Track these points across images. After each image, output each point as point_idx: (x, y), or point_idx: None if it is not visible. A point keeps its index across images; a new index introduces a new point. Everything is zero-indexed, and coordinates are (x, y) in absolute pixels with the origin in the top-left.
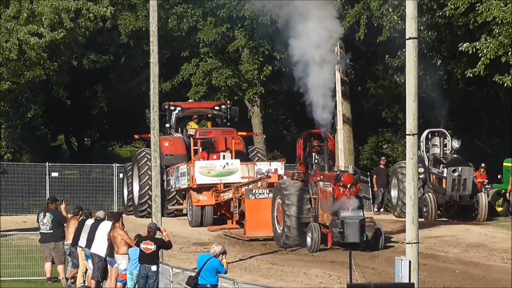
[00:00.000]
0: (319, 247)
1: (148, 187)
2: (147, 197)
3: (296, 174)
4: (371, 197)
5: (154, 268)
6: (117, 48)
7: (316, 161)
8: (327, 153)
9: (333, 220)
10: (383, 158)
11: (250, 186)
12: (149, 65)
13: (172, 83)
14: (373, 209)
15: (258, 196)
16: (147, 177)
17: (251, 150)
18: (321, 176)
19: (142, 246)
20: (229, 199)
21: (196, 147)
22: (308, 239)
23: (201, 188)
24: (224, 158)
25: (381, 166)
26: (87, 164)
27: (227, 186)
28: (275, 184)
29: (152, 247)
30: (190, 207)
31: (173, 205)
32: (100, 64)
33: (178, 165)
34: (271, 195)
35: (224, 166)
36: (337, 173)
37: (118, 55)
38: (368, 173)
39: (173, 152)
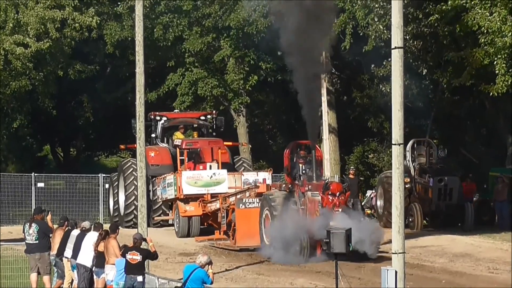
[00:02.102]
0: (308, 257)
1: (134, 197)
2: (133, 207)
3: (284, 185)
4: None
5: (140, 278)
6: (102, 58)
7: (304, 171)
8: (315, 163)
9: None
10: (352, 167)
11: (238, 196)
12: (135, 75)
13: (158, 93)
14: None
15: (248, 205)
16: (133, 187)
17: (237, 160)
18: (309, 186)
19: (128, 256)
20: (216, 209)
21: (183, 157)
22: (297, 249)
23: (188, 199)
24: (210, 168)
25: (351, 175)
26: (73, 175)
27: (214, 196)
28: (263, 194)
29: (138, 257)
30: (177, 217)
31: (159, 215)
32: (86, 74)
33: (165, 175)
34: None
35: (211, 177)
36: (326, 181)
37: (103, 65)
38: None
39: (159, 162)
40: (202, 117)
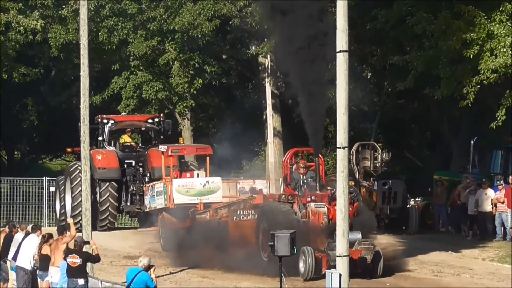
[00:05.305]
0: (313, 273)
1: (81, 200)
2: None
3: (283, 195)
4: None
5: (81, 281)
6: (47, 61)
7: (305, 181)
8: (318, 172)
9: (329, 243)
10: None
11: (232, 208)
12: (80, 78)
13: (103, 96)
14: None
15: (242, 217)
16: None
17: (183, 163)
18: (312, 197)
19: (69, 259)
20: (206, 221)
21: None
22: (301, 265)
23: (178, 208)
24: (198, 176)
25: None
26: (17, 178)
27: (207, 206)
28: (259, 206)
29: (77, 260)
30: (163, 229)
31: (106, 218)
32: (31, 77)
33: (154, 183)
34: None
35: (204, 185)
36: (333, 191)
37: (48, 68)
38: None
39: (106, 166)
40: (150, 120)
